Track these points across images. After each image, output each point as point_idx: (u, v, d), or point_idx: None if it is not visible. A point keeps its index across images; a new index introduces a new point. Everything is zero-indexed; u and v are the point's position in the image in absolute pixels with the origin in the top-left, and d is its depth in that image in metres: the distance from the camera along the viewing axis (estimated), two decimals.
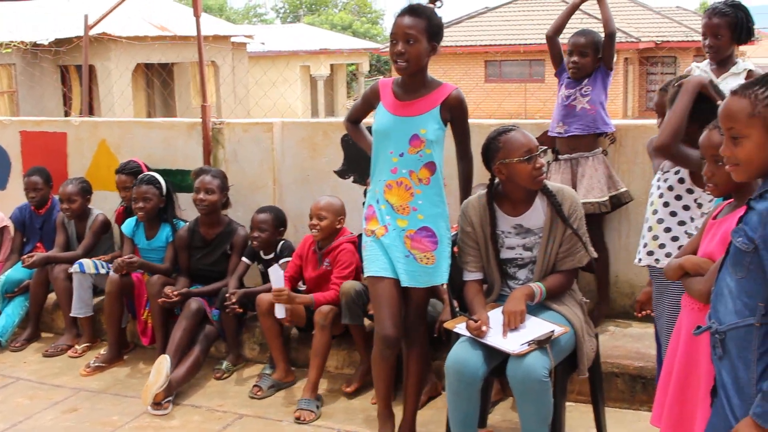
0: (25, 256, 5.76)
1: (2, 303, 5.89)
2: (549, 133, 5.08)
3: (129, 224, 5.61)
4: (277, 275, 4.63)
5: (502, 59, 28.56)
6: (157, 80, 23.05)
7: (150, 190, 5.43)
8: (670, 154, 3.43)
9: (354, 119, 4.23)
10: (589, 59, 4.97)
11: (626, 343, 4.69)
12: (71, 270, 5.57)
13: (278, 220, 5.23)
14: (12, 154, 6.86)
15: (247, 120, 6.29)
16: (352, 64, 35.50)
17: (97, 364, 5.29)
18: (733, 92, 2.39)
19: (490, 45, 28.62)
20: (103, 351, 5.44)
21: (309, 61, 31.45)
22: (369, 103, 4.06)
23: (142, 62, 21.12)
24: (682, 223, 3.55)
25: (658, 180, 3.63)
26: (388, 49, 3.86)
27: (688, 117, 3.34)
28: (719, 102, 3.13)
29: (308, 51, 31.27)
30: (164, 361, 4.66)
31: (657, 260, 3.57)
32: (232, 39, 23.69)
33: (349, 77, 35.72)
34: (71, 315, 5.64)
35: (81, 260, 5.59)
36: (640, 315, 3.79)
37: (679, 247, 3.44)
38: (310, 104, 31.71)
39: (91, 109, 9.61)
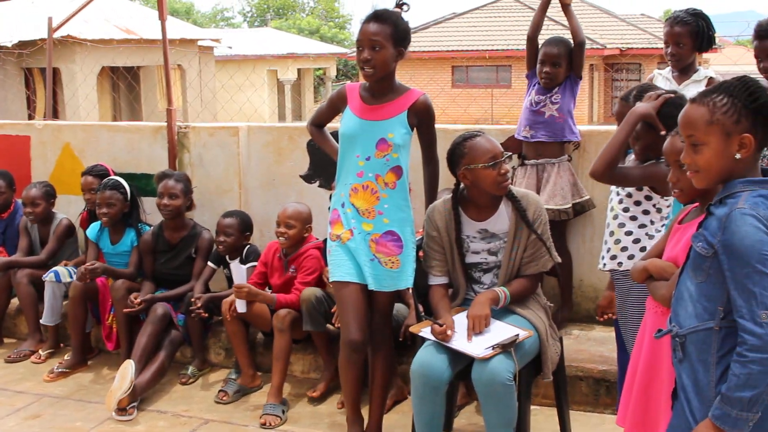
0: None
1: None
2: (515, 136, 5.11)
3: (93, 229, 5.56)
4: (239, 271, 4.63)
5: (468, 65, 28.72)
6: (123, 84, 22.87)
7: (114, 195, 5.38)
8: (604, 180, 3.51)
9: (318, 123, 4.22)
10: (561, 69, 5.00)
11: (590, 347, 4.74)
12: (45, 278, 5.50)
13: (244, 225, 5.22)
14: None
15: (212, 124, 6.27)
16: (320, 68, 35.47)
17: (60, 370, 5.23)
18: (692, 100, 2.43)
19: (457, 50, 28.77)
20: (66, 356, 5.39)
21: (276, 66, 31.36)
22: (335, 107, 4.07)
23: (108, 65, 20.95)
24: (642, 226, 3.60)
25: (617, 186, 3.69)
26: (355, 55, 3.88)
27: (657, 123, 3.38)
28: (662, 132, 3.22)
29: (275, 55, 31.16)
30: (129, 366, 4.63)
31: (620, 263, 3.61)
32: (199, 43, 23.56)
33: (316, 82, 35.67)
34: (42, 323, 5.58)
35: (56, 268, 5.53)
36: (601, 319, 3.83)
37: (642, 249, 3.49)
38: (277, 109, 31.63)
39: (55, 113, 9.51)
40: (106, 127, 6.62)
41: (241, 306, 4.66)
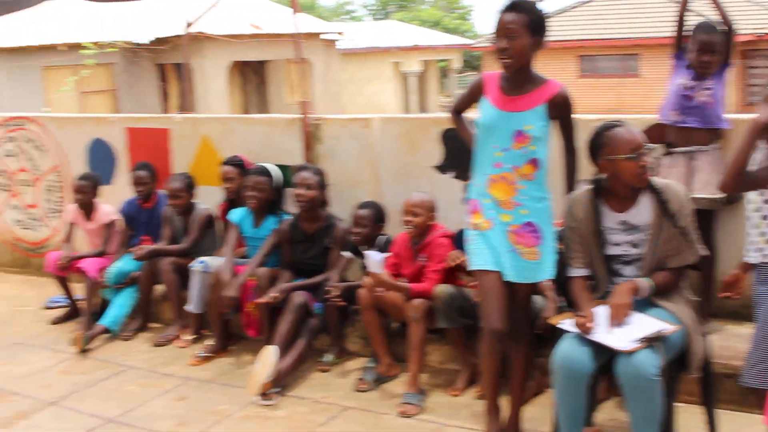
0: (135, 249, 5.96)
1: (113, 294, 6.09)
2: (661, 119, 4.95)
3: (237, 212, 5.73)
4: (374, 260, 4.66)
5: (596, 54, 28.10)
6: (252, 78, 23.47)
7: (264, 181, 5.55)
8: (736, 190, 3.39)
9: (458, 110, 4.23)
10: (719, 57, 4.82)
11: (736, 344, 4.56)
12: (193, 267, 5.70)
13: (378, 216, 5.28)
14: (118, 150, 7.08)
15: (345, 116, 6.35)
16: (443, 60, 35.40)
17: (204, 355, 5.44)
18: None
19: (584, 39, 28.19)
20: (210, 342, 5.59)
21: (400, 58, 31.50)
22: (473, 96, 4.06)
23: (238, 60, 21.52)
24: None
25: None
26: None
27: None
28: None
29: (399, 47, 31.32)
30: (271, 353, 4.76)
31: (766, 255, 3.49)
32: (323, 36, 23.91)
33: (440, 74, 35.62)
34: (186, 309, 5.79)
35: (203, 258, 5.73)
36: (721, 296, 3.71)
37: None
38: (402, 101, 31.78)
39: (189, 106, 9.86)
40: (241, 119, 6.82)
41: (375, 266, 4.65)
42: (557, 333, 3.71)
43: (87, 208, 6.47)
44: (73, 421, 4.70)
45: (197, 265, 5.67)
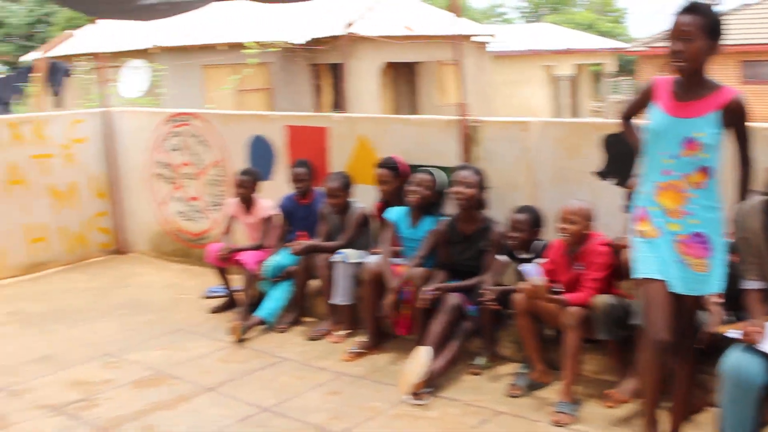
0: (292, 244, 6.10)
1: (269, 287, 6.26)
2: None
3: (394, 211, 5.78)
4: (532, 270, 4.61)
5: (760, 59, 26.85)
6: (402, 78, 23.67)
7: (429, 180, 5.59)
8: None
9: (627, 115, 4.14)
10: None
11: None
12: (333, 259, 5.82)
13: (535, 220, 5.21)
14: (277, 147, 7.27)
15: (503, 118, 6.30)
16: (596, 64, 34.65)
17: (357, 351, 5.51)
18: None
19: (747, 44, 26.98)
20: (361, 338, 5.66)
21: (552, 61, 31.04)
22: (642, 101, 3.95)
23: (389, 61, 21.76)
24: None
25: None
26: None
27: None
28: None
29: (552, 51, 30.88)
30: (425, 353, 4.77)
31: None
32: (474, 38, 23.86)
33: (593, 78, 34.88)
34: (331, 302, 5.91)
35: (344, 250, 5.83)
36: None
37: None
38: (553, 105, 31.32)
39: (341, 106, 10.04)
40: (398, 120, 6.85)
41: (535, 274, 4.63)
42: (719, 348, 3.57)
43: (247, 202, 6.69)
44: (230, 407, 4.85)
45: (338, 256, 5.77)
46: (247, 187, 6.62)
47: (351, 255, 5.84)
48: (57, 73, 13.80)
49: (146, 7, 8.11)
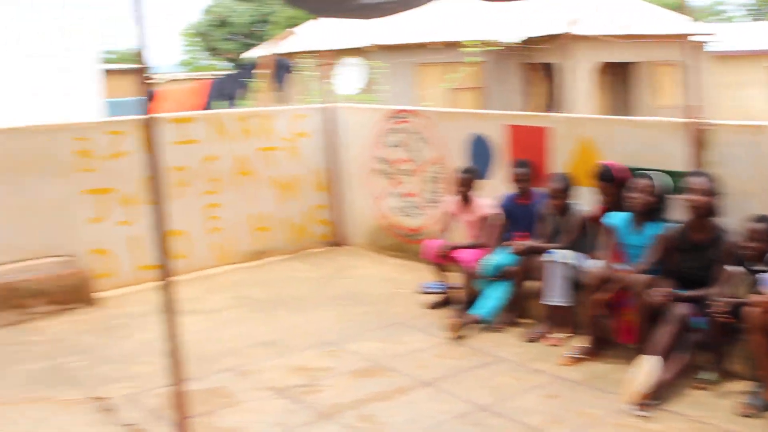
0: (514, 243, 6.09)
1: (486, 285, 6.27)
2: None
3: (617, 216, 5.65)
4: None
5: None
6: (616, 79, 23.06)
7: (649, 185, 5.45)
8: None
9: None
10: None
11: None
12: (544, 258, 5.77)
13: None
14: (496, 146, 7.26)
15: (738, 122, 5.98)
16: None
17: (576, 356, 5.42)
18: None
19: None
20: (580, 343, 5.56)
21: None
22: None
23: (604, 61, 21.25)
24: None
25: None
26: None
27: None
28: None
29: None
30: (651, 363, 4.62)
31: None
32: (693, 38, 22.86)
33: None
34: (541, 302, 5.86)
35: (554, 249, 5.76)
36: None
37: None
38: None
39: (558, 106, 9.89)
40: (622, 121, 6.66)
41: None
42: None
43: (466, 201, 6.73)
44: (447, 403, 4.90)
45: (554, 255, 5.72)
46: (467, 186, 6.67)
47: (567, 256, 5.75)
48: (281, 69, 14.43)
49: (370, 6, 8.31)
